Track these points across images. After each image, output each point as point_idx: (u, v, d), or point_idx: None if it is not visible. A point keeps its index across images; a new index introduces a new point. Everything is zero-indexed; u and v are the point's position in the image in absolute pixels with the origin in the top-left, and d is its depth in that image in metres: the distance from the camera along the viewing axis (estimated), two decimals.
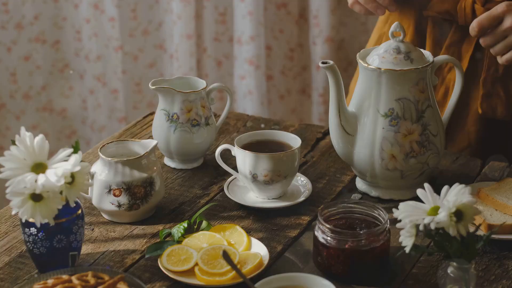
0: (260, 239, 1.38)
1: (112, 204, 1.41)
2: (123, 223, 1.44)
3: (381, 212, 1.32)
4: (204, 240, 1.34)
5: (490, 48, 1.55)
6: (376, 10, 1.64)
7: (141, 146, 1.47)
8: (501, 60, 1.56)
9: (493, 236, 1.34)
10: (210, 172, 1.61)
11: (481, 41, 1.55)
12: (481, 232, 1.36)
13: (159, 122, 1.60)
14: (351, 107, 1.49)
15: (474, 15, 1.63)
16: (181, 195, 1.54)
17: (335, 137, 1.49)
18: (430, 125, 1.46)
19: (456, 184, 1.15)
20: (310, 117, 3.11)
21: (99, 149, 1.44)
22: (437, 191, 1.17)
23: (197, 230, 1.38)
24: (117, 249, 1.37)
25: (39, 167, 1.22)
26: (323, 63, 1.45)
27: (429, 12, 1.71)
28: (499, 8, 1.53)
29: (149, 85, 1.58)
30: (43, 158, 1.23)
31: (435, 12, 1.70)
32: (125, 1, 3.08)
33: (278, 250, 1.37)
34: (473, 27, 1.54)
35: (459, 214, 1.13)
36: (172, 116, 1.58)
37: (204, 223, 1.38)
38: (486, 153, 1.71)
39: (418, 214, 1.15)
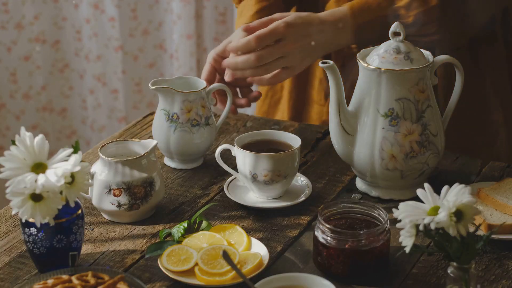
0: (260, 239, 1.38)
1: (112, 204, 1.41)
2: (123, 223, 1.44)
3: (381, 212, 1.32)
4: (204, 240, 1.34)
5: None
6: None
7: (141, 146, 1.47)
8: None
9: (493, 236, 1.34)
10: (210, 172, 1.61)
11: (255, 55, 1.56)
12: (481, 232, 1.36)
13: (159, 122, 1.60)
14: (351, 107, 1.49)
15: None
16: (181, 195, 1.54)
17: (335, 137, 1.49)
18: (430, 125, 1.46)
19: (456, 184, 1.15)
20: None
21: (99, 149, 1.44)
22: (437, 191, 1.17)
23: (197, 230, 1.38)
24: (117, 249, 1.37)
25: (39, 167, 1.22)
26: (323, 63, 1.45)
27: None
28: (280, 27, 1.56)
29: (149, 85, 1.58)
30: (43, 158, 1.23)
31: None
32: (125, 1, 3.08)
33: (278, 250, 1.37)
34: (251, 40, 1.56)
35: (459, 214, 1.13)
36: (172, 116, 1.58)
37: (204, 223, 1.38)
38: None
39: (418, 214, 1.15)
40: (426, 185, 1.16)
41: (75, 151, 1.25)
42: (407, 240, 1.16)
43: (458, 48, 1.67)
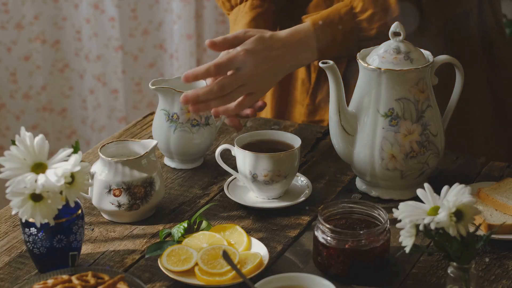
0: (260, 239, 1.38)
1: (112, 204, 1.41)
2: (123, 223, 1.44)
3: (381, 212, 1.32)
4: (204, 240, 1.34)
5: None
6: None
7: (141, 146, 1.47)
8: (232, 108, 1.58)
9: (493, 236, 1.34)
10: (210, 172, 1.61)
11: (217, 85, 1.54)
12: (481, 232, 1.36)
13: (159, 122, 1.60)
14: (351, 107, 1.49)
15: None
16: (181, 195, 1.54)
17: (335, 137, 1.49)
18: (430, 125, 1.46)
19: (456, 184, 1.15)
20: None
21: (99, 149, 1.44)
22: (437, 191, 1.17)
23: (197, 230, 1.38)
24: (117, 249, 1.37)
25: (39, 167, 1.22)
26: (323, 63, 1.45)
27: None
28: (240, 55, 1.53)
29: (149, 85, 1.58)
30: (43, 158, 1.23)
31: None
32: (125, 1, 3.08)
33: (278, 250, 1.37)
34: (210, 68, 1.53)
35: (459, 214, 1.13)
36: (172, 116, 1.58)
37: (204, 223, 1.38)
38: None
39: (418, 214, 1.15)
40: (426, 185, 1.16)
41: (75, 151, 1.25)
42: (407, 240, 1.16)
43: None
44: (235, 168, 1.52)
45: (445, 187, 1.16)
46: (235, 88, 1.53)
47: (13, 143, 1.22)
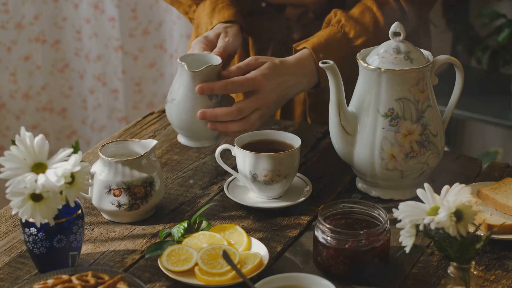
0: (260, 239, 1.38)
1: (112, 204, 1.41)
2: (123, 223, 1.44)
3: (381, 212, 1.32)
4: (204, 240, 1.34)
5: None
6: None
7: (141, 146, 1.47)
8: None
9: (493, 236, 1.34)
10: (210, 172, 1.61)
11: (236, 108, 1.53)
12: (481, 232, 1.36)
13: (194, 98, 1.52)
14: (351, 107, 1.49)
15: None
16: (181, 195, 1.54)
17: (335, 137, 1.49)
18: (430, 125, 1.46)
19: (456, 184, 1.15)
20: None
21: (99, 149, 1.44)
22: (437, 191, 1.17)
23: (197, 230, 1.38)
24: (117, 249, 1.37)
25: (39, 167, 1.22)
26: (323, 63, 1.45)
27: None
28: (258, 79, 1.54)
29: (185, 66, 1.51)
30: (43, 158, 1.23)
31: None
32: (125, 1, 3.08)
33: (278, 250, 1.37)
34: (229, 84, 1.52)
35: (459, 214, 1.13)
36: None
37: (204, 223, 1.38)
38: None
39: (418, 214, 1.15)
40: (426, 185, 1.16)
41: (75, 151, 1.25)
42: (407, 240, 1.16)
43: None
44: (235, 168, 1.52)
45: (445, 187, 1.16)
46: (251, 111, 1.55)
47: (13, 143, 1.22)
